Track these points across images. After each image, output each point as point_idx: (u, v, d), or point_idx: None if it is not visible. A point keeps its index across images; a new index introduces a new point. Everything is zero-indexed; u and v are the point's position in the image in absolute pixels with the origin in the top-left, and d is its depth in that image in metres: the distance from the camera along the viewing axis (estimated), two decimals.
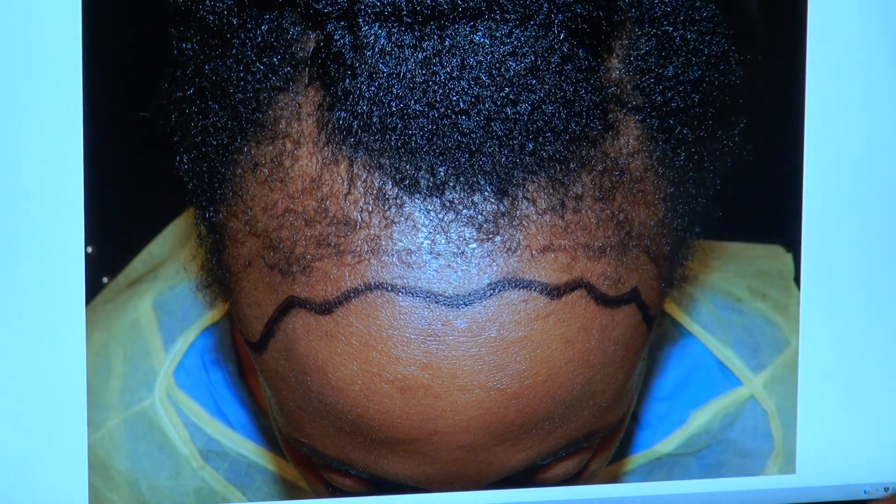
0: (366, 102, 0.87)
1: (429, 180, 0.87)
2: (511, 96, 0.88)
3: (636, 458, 1.21)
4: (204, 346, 1.15)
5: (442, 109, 0.87)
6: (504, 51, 0.88)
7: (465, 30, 0.88)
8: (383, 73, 0.87)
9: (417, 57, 0.87)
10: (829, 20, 1.10)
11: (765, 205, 1.15)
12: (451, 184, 0.87)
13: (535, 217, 0.88)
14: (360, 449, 0.95)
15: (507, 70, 0.88)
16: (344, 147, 0.88)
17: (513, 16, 0.88)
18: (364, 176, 0.88)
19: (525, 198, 0.88)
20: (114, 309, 1.13)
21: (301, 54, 0.90)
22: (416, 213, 0.88)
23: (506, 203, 0.88)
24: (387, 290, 0.88)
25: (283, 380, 0.94)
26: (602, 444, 1.04)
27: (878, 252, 1.15)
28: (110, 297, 1.13)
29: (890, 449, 1.17)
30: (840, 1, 1.11)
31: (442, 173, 0.87)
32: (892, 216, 1.15)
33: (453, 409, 0.90)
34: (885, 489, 1.17)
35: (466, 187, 0.87)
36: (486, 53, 0.88)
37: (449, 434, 0.92)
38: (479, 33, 0.88)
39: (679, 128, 0.94)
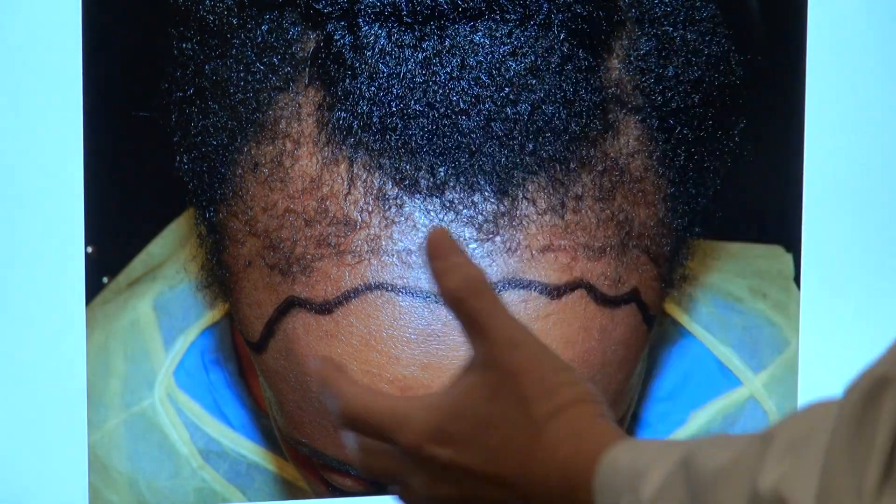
0: (366, 102, 0.87)
1: (429, 180, 0.87)
2: (511, 96, 0.88)
3: None
4: (204, 346, 1.15)
5: (442, 109, 0.87)
6: (504, 51, 0.88)
7: (465, 30, 0.88)
8: (383, 73, 0.87)
9: (417, 57, 0.87)
10: (829, 20, 1.10)
11: (765, 205, 1.15)
12: (451, 184, 0.87)
13: (535, 217, 0.88)
14: None
15: (507, 70, 0.88)
16: (344, 147, 0.88)
17: (513, 16, 0.88)
18: (364, 176, 0.88)
19: (525, 198, 0.88)
20: (114, 309, 1.13)
21: (301, 54, 0.90)
22: (417, 214, 0.88)
23: (506, 203, 0.88)
24: (387, 290, 0.88)
25: (283, 380, 0.94)
26: None
27: (877, 252, 1.15)
28: (110, 297, 1.13)
29: None
30: (840, 1, 1.10)
31: (442, 173, 0.87)
32: (892, 216, 1.15)
33: None
34: None
35: (466, 187, 0.88)
36: (486, 53, 0.88)
37: None
38: (479, 33, 0.88)
39: (679, 128, 0.94)
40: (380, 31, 0.87)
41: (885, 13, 1.12)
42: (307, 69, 0.89)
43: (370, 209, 0.87)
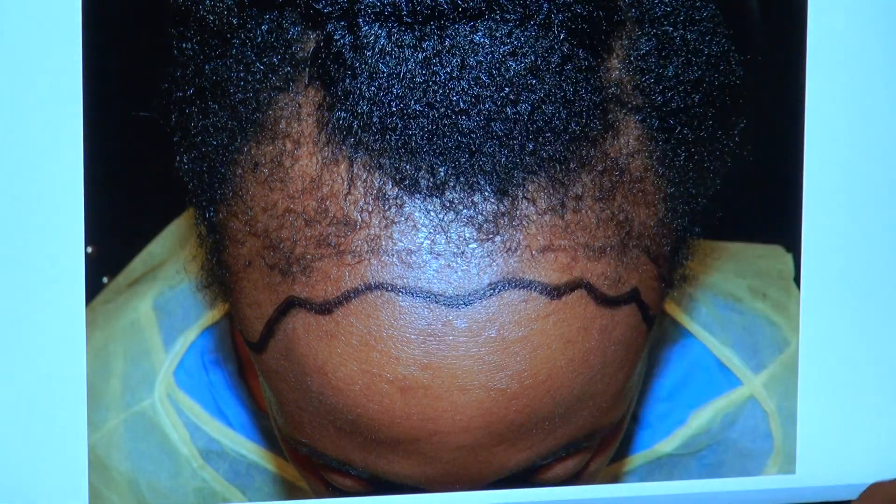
0: (366, 102, 0.87)
1: (429, 180, 0.87)
2: (511, 96, 0.88)
3: (636, 458, 1.21)
4: (204, 346, 1.15)
5: (442, 109, 0.87)
6: (504, 51, 0.88)
7: (465, 30, 0.88)
8: (383, 73, 0.87)
9: (417, 57, 0.87)
10: (829, 20, 1.10)
11: (765, 205, 1.15)
12: (451, 184, 0.87)
13: (535, 217, 0.88)
14: (360, 449, 0.95)
15: (507, 70, 0.88)
16: (344, 147, 0.88)
17: (513, 16, 0.88)
18: (364, 176, 0.88)
19: (525, 198, 0.88)
20: (114, 309, 1.13)
21: (301, 54, 0.90)
22: (416, 213, 0.88)
23: (506, 203, 0.88)
24: (387, 290, 0.88)
25: (283, 380, 0.95)
26: (602, 444, 1.04)
27: (877, 252, 1.15)
28: (110, 297, 1.13)
29: (890, 449, 1.17)
30: (840, 1, 1.11)
31: (442, 173, 0.87)
32: (892, 216, 1.15)
33: (453, 409, 0.90)
34: None
35: (466, 187, 0.88)
36: (486, 53, 0.88)
37: (449, 434, 0.92)
38: (479, 33, 0.88)
39: (679, 128, 0.94)
40: (380, 31, 0.87)
41: (885, 13, 1.12)
42: (307, 69, 0.90)
43: (370, 209, 0.87)
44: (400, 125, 0.87)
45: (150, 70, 0.98)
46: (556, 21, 0.89)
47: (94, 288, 1.05)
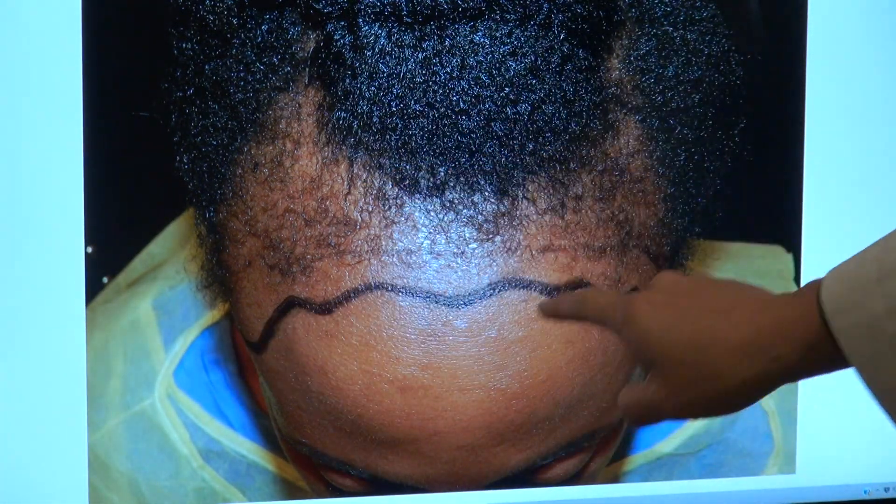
0: (366, 102, 0.87)
1: (429, 180, 0.87)
2: (511, 96, 0.88)
3: (636, 458, 1.21)
4: (204, 346, 1.15)
5: (442, 109, 0.87)
6: (504, 51, 0.88)
7: (465, 30, 0.88)
8: (383, 73, 0.87)
9: (417, 57, 0.88)
10: (829, 20, 1.10)
11: (765, 205, 1.14)
12: (451, 184, 0.87)
13: (535, 217, 0.88)
14: (360, 449, 0.95)
15: (507, 70, 0.88)
16: (344, 147, 0.88)
17: (513, 16, 0.88)
18: (364, 176, 0.88)
19: (525, 198, 0.88)
20: (114, 309, 1.13)
21: (301, 54, 0.90)
22: (417, 214, 0.88)
23: (506, 203, 0.88)
24: (387, 290, 0.88)
25: (283, 380, 0.95)
26: (602, 444, 1.04)
27: None
28: (110, 297, 1.13)
29: (890, 449, 1.17)
30: (840, 1, 1.10)
31: (442, 173, 0.87)
32: (891, 216, 1.15)
33: (453, 409, 0.90)
34: (886, 489, 1.17)
35: (466, 187, 0.88)
36: (486, 53, 0.88)
37: (449, 434, 0.92)
38: (479, 33, 0.88)
39: (679, 128, 0.95)
40: (380, 31, 0.87)
41: (885, 13, 1.12)
42: (307, 69, 0.90)
43: (370, 209, 0.87)
44: (400, 125, 0.87)
45: (150, 70, 0.98)
46: (556, 21, 0.89)
47: (94, 288, 1.05)
